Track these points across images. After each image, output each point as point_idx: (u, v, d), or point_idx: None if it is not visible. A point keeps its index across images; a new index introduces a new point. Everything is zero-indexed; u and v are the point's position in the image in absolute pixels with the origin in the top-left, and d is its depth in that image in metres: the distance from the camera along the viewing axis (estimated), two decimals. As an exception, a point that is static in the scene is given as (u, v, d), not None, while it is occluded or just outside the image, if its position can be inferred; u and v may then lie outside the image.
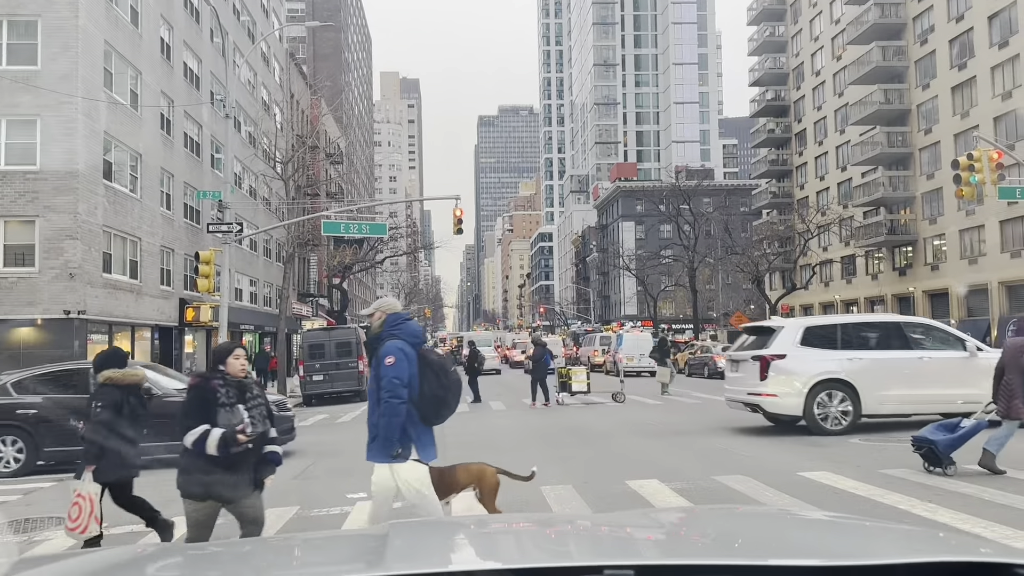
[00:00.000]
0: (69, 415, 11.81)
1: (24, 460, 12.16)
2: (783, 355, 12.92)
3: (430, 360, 5.20)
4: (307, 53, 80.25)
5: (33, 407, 12.32)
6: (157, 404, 11.75)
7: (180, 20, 32.28)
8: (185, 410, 5.10)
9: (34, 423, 12.22)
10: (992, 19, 41.53)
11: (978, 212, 41.88)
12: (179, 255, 31.40)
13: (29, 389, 12.61)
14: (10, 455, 12.19)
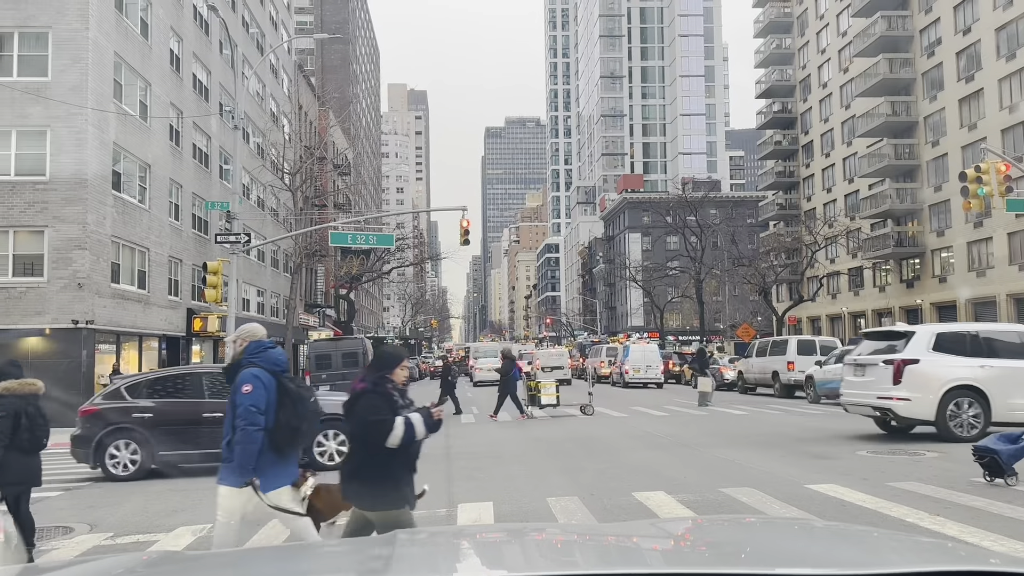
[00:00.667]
0: (183, 419, 12.25)
1: (139, 464, 12.24)
2: (917, 360, 12.94)
3: (288, 389, 5.21)
4: (315, 65, 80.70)
5: (147, 411, 12.44)
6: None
7: (190, 32, 32.52)
8: (376, 414, 4.96)
9: (149, 427, 12.32)
10: (999, 31, 41.52)
11: (986, 224, 41.74)
12: (187, 265, 31.52)
13: (142, 393, 12.76)
14: (126, 459, 12.28)
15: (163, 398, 12.70)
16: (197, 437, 12.12)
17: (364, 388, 5.06)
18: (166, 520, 8.90)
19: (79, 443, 12.40)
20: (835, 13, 58.02)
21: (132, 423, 12.31)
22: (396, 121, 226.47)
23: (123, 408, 12.46)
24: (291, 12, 54.65)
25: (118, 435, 12.22)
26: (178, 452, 12.22)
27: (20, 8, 23.30)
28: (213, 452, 12.14)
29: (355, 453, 5.10)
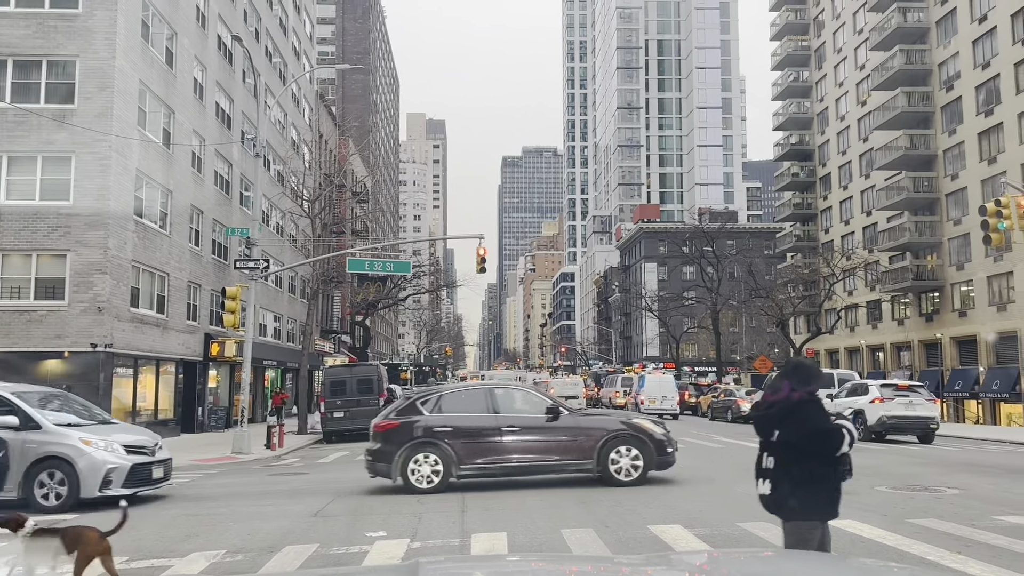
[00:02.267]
0: (480, 432, 12.73)
1: (441, 477, 12.53)
2: None
3: None
4: (336, 94, 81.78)
5: (448, 424, 12.78)
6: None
7: (213, 61, 33.10)
8: (828, 423, 4.97)
9: (450, 439, 12.65)
10: (1018, 66, 41.48)
11: (1006, 258, 41.37)
12: (205, 290, 31.78)
13: (437, 407, 13.11)
14: (427, 472, 12.57)
15: (459, 412, 13.02)
16: (497, 451, 12.66)
17: (802, 397, 4.98)
18: (180, 545, 8.90)
19: (380, 457, 12.72)
20: (853, 47, 58.23)
21: (434, 437, 12.62)
22: (414, 150, 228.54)
23: (424, 422, 12.78)
24: (313, 43, 55.53)
25: (419, 449, 12.54)
26: (477, 466, 12.65)
27: (49, 37, 23.84)
28: (512, 466, 12.86)
29: (794, 463, 4.94)
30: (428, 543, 8.50)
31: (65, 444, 11.88)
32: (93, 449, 11.95)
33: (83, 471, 11.70)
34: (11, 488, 11.69)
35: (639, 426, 13.16)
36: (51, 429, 12.03)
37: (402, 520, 9.97)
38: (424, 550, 8.19)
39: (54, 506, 11.57)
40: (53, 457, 11.73)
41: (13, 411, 11.90)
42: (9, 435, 11.69)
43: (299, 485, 14.91)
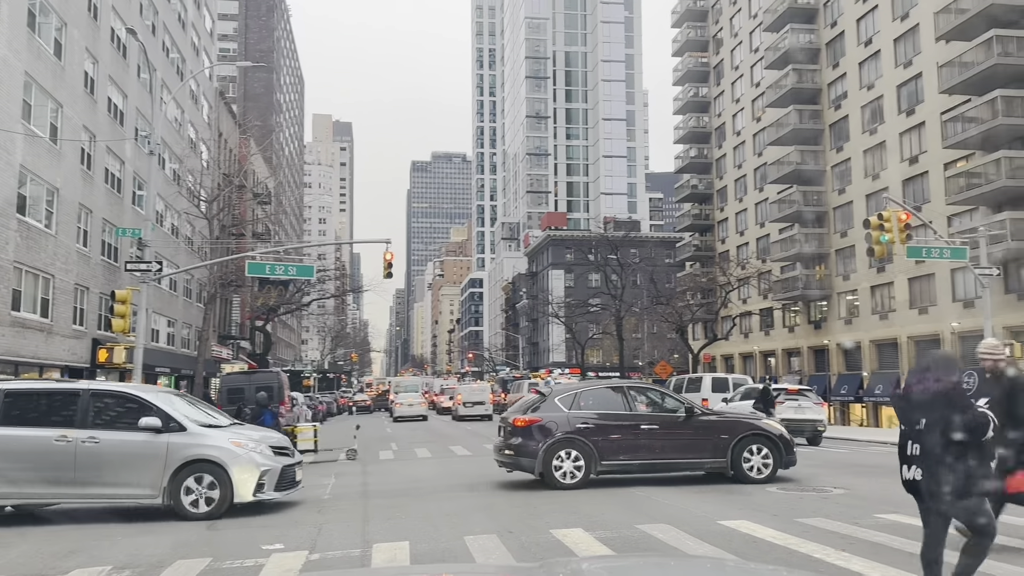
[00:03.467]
0: (621, 430, 13.10)
1: (583, 473, 12.83)
2: None
3: None
4: (238, 92, 79.39)
5: (589, 421, 13.10)
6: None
7: (106, 54, 31.62)
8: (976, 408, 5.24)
9: (591, 437, 12.96)
10: (900, 88, 44.16)
11: (888, 270, 43.92)
12: (94, 294, 30.25)
13: (578, 405, 13.38)
14: (570, 468, 12.81)
15: (597, 410, 13.32)
16: (635, 448, 13.10)
17: (948, 387, 5.18)
18: (62, 562, 8.41)
19: (522, 452, 12.92)
20: (749, 65, 60.70)
21: (576, 433, 12.90)
22: (320, 151, 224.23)
23: (564, 419, 12.99)
24: (214, 39, 53.78)
25: (562, 445, 12.79)
26: (618, 462, 13.07)
27: (-78, 21, 22.26)
28: (650, 463, 13.15)
29: (943, 449, 5.14)
30: (328, 555, 8.33)
31: (214, 446, 11.16)
32: (244, 451, 11.30)
33: (236, 475, 11.00)
34: (155, 494, 10.85)
35: (769, 427, 13.84)
36: (196, 431, 11.24)
37: (301, 531, 9.73)
38: (323, 562, 8.01)
39: (204, 512, 10.84)
40: (201, 460, 10.96)
41: (152, 412, 11.08)
42: (148, 437, 10.89)
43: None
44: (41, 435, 10.81)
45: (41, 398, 11.52)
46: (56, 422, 10.96)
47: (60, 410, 11.16)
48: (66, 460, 10.71)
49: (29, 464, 10.75)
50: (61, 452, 10.71)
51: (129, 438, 11.00)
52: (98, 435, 10.86)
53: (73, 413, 11.01)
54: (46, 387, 12.30)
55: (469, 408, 42.06)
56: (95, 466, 10.80)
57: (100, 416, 11.14)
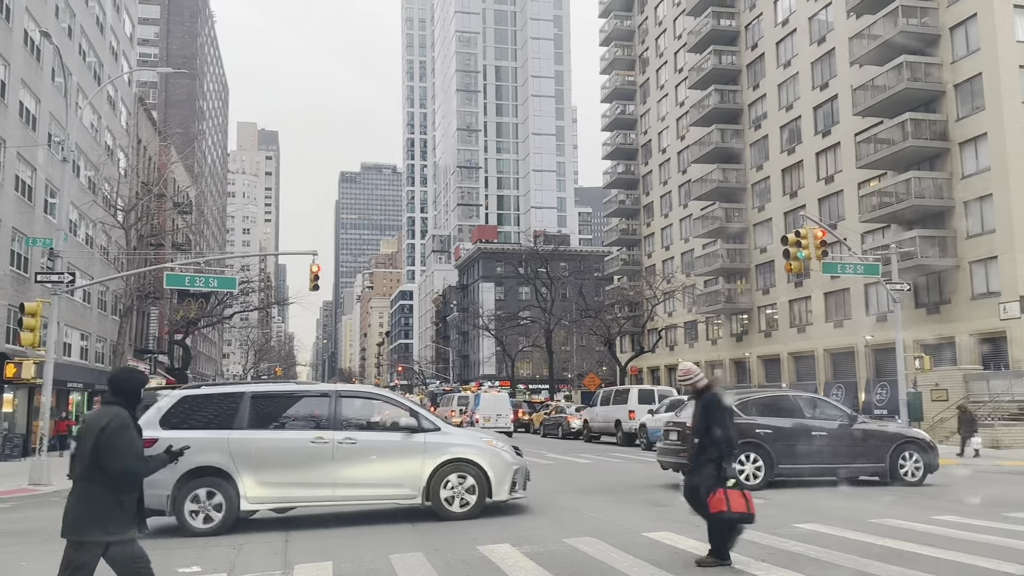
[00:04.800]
0: (796, 435, 13.99)
1: (762, 476, 13.57)
2: None
3: None
4: (158, 99, 77.10)
5: (768, 427, 13.86)
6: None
7: (18, 57, 30.30)
8: None
9: (770, 441, 13.76)
10: (817, 110, 45.94)
11: (805, 284, 45.47)
12: (2, 306, 28.81)
13: (752, 411, 14.13)
14: (750, 471, 13.52)
15: (771, 416, 14.13)
16: (808, 454, 13.96)
17: None
18: None
19: None
20: (674, 84, 62.22)
21: (756, 438, 13.67)
22: (244, 160, 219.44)
23: (745, 424, 13.43)
24: (134, 43, 52.13)
25: (743, 450, 13.30)
26: (793, 466, 13.97)
27: None
28: (820, 467, 13.89)
29: None
30: (247, 576, 8.07)
31: (471, 445, 11.25)
32: (498, 449, 11.36)
33: (493, 474, 11.01)
34: (414, 494, 10.81)
35: (920, 435, 15.18)
36: (449, 430, 11.23)
37: (219, 552, 9.41)
38: (242, 584, 7.76)
39: (460, 512, 10.81)
40: (459, 460, 10.92)
41: (405, 412, 11.17)
42: (404, 437, 10.91)
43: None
44: (296, 437, 10.74)
45: (290, 401, 11.42)
46: (309, 424, 10.93)
47: (311, 412, 11.13)
48: (323, 462, 10.64)
49: (288, 466, 10.62)
50: (318, 453, 10.62)
51: (386, 438, 10.95)
52: (354, 436, 10.79)
53: (325, 415, 10.97)
54: (294, 389, 11.98)
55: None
56: (352, 468, 10.75)
57: (353, 417, 11.09)
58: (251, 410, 10.76)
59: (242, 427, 10.61)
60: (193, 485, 10.21)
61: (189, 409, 10.74)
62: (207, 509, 10.24)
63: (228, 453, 10.39)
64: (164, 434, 9.97)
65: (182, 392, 11.01)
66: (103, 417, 5.16)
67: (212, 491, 10.26)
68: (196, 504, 10.24)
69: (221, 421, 10.68)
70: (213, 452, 10.33)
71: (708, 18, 54.88)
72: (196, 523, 10.21)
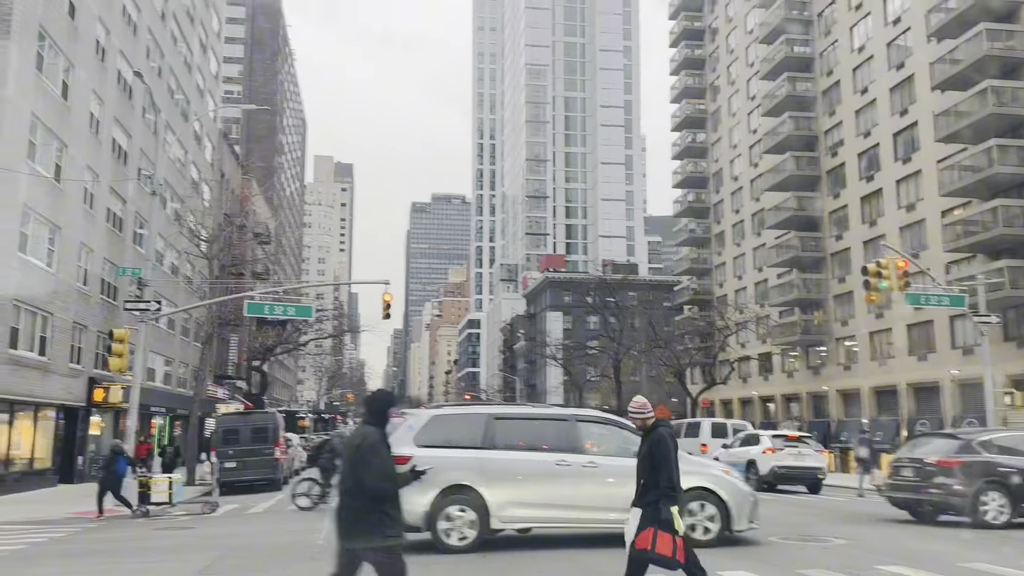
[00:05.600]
0: None
1: (1008, 514, 13.59)
2: None
3: None
4: (241, 134, 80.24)
5: (1012, 467, 13.82)
6: None
7: (112, 96, 32.02)
8: None
9: (1010, 480, 13.74)
10: (896, 136, 44.70)
11: (886, 316, 43.95)
12: (92, 332, 30.19)
13: (994, 449, 14.25)
14: (994, 508, 13.63)
15: (1014, 455, 14.09)
16: None
17: None
18: None
19: (950, 491, 13.76)
20: (746, 112, 61.51)
21: (1000, 476, 13.77)
22: (321, 192, 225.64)
23: (989, 463, 13.89)
24: (219, 82, 54.51)
25: (990, 487, 13.63)
26: None
27: (-68, 62, 22.57)
28: None
29: None
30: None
31: (709, 474, 11.33)
32: (735, 480, 11.47)
33: (732, 503, 11.11)
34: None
35: None
36: (685, 458, 11.40)
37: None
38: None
39: (703, 540, 10.78)
40: (698, 488, 11.04)
41: None
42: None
43: (186, 540, 14.16)
44: (542, 459, 11.01)
45: (530, 423, 11.78)
46: (550, 446, 11.16)
47: (550, 435, 11.36)
48: (567, 484, 10.87)
49: (535, 487, 10.90)
50: (563, 476, 10.86)
51: (624, 463, 11.04)
52: (595, 459, 11.02)
53: (565, 438, 11.20)
54: (533, 413, 12.47)
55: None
56: (595, 491, 10.90)
57: (592, 442, 11.35)
58: (496, 431, 11.10)
59: (489, 447, 10.95)
60: (446, 503, 10.54)
61: (438, 429, 11.12)
62: (460, 527, 10.54)
63: (479, 472, 10.72)
64: (418, 452, 10.33)
65: (431, 412, 11.48)
66: (357, 436, 5.67)
67: (464, 508, 10.58)
68: (448, 522, 10.55)
69: (469, 441, 11.04)
70: (464, 471, 10.70)
71: (782, 45, 54.22)
72: (451, 540, 10.51)
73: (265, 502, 21.26)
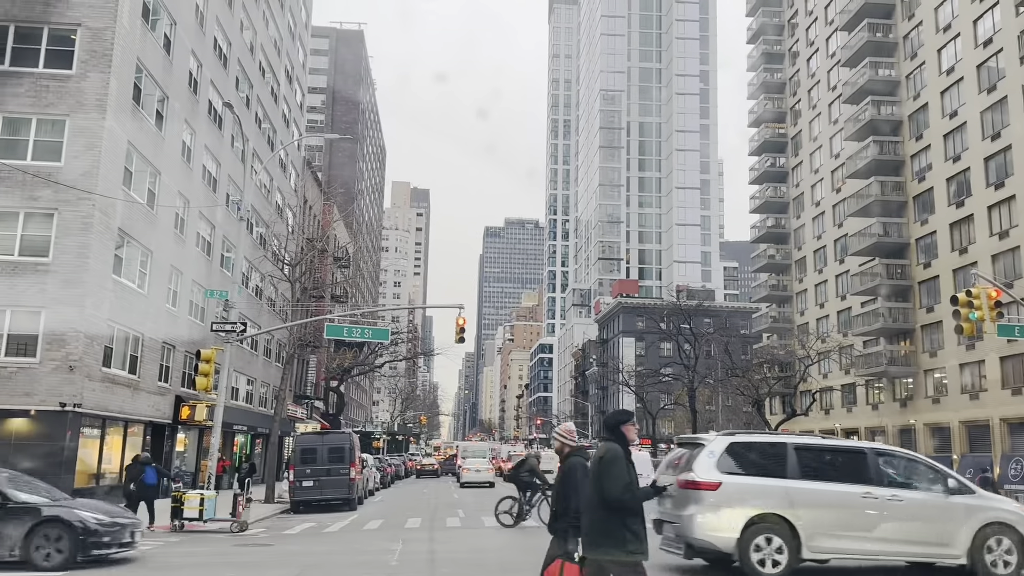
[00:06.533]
0: None
1: None
2: None
3: None
4: (323, 161, 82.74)
5: None
6: None
7: (203, 125, 33.48)
8: None
9: None
10: (988, 161, 42.94)
11: (978, 347, 42.00)
12: (179, 352, 31.39)
13: None
14: None
15: None
16: None
17: None
18: None
19: None
20: (828, 136, 60.10)
21: None
22: (398, 217, 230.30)
23: None
24: (303, 111, 56.46)
25: None
26: None
27: (40, 96, 24.05)
28: None
29: None
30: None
31: (1008, 510, 11.46)
32: None
33: None
34: (958, 554, 10.95)
35: None
36: (983, 493, 11.82)
37: None
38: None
39: (1002, 574, 10.99)
40: (997, 524, 11.11)
41: (937, 473, 11.62)
42: (941, 498, 11.28)
43: (264, 557, 14.49)
44: (848, 491, 11.07)
45: (830, 454, 11.89)
46: (853, 479, 11.21)
47: (850, 467, 11.44)
48: (872, 516, 10.96)
49: (842, 518, 11.03)
50: (868, 508, 10.98)
51: (926, 498, 11.33)
52: (899, 494, 11.12)
53: (866, 471, 11.28)
54: (832, 444, 12.61)
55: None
56: (899, 524, 11.02)
57: (893, 476, 11.49)
58: (799, 461, 11.18)
59: (794, 476, 11.04)
60: (757, 531, 10.63)
61: (736, 455, 11.24)
62: (771, 555, 10.65)
63: (788, 501, 10.84)
64: (724, 478, 10.72)
65: (728, 439, 11.52)
66: (600, 451, 6.07)
67: (770, 537, 10.67)
68: (759, 552, 10.62)
69: (771, 470, 11.15)
70: (773, 499, 10.84)
71: (865, 68, 52.90)
72: (765, 568, 10.57)
73: (340, 521, 21.59)
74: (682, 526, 10.82)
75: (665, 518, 11.36)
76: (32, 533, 12.07)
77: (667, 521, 11.30)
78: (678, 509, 10.93)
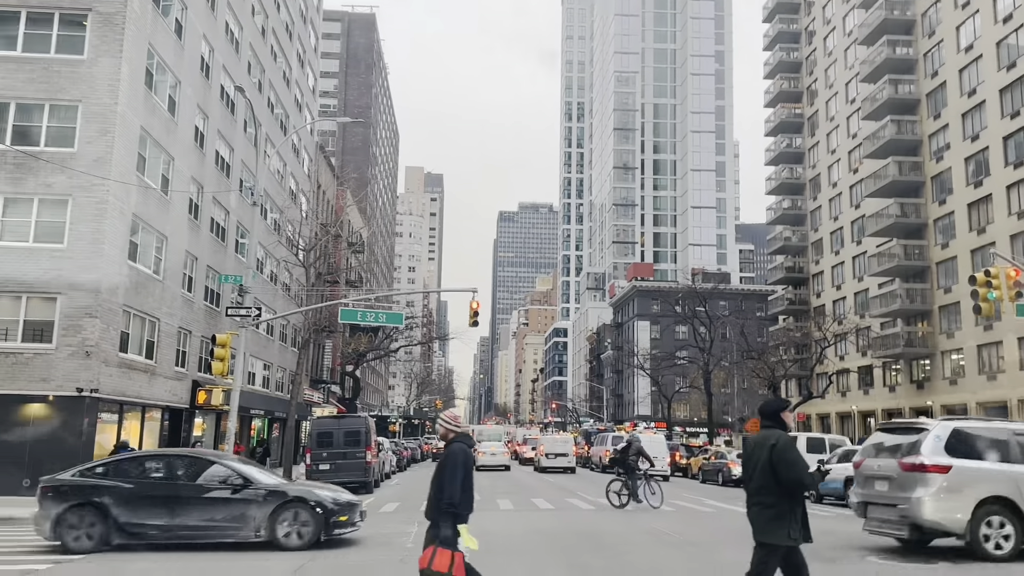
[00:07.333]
0: None
1: None
2: None
3: None
4: (336, 146, 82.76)
5: None
6: None
7: (216, 110, 33.50)
8: None
9: None
10: (1007, 140, 42.31)
11: (996, 328, 41.57)
12: (196, 337, 31.58)
13: None
14: None
15: None
16: None
17: None
18: None
19: None
20: (845, 116, 59.41)
21: None
22: (412, 202, 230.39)
23: None
24: (316, 96, 56.38)
25: None
26: None
27: (52, 82, 24.11)
28: None
29: None
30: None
31: None
32: None
33: None
34: None
35: None
36: None
37: None
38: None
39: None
40: None
41: None
42: None
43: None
44: None
45: None
46: None
47: None
48: None
49: None
50: None
51: None
52: None
53: None
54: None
55: (552, 460, 41.57)
56: None
57: None
58: (1020, 446, 11.59)
59: (1017, 461, 11.44)
60: (985, 513, 11.05)
61: (962, 441, 11.62)
62: (997, 537, 11.03)
63: (1014, 484, 11.21)
64: (954, 462, 11.22)
65: (953, 424, 11.91)
66: (770, 437, 6.18)
67: (1003, 521, 11.07)
68: (988, 529, 11.03)
69: (994, 454, 11.59)
70: (999, 482, 11.26)
71: (883, 47, 52.16)
72: (991, 548, 10.98)
73: (355, 505, 21.68)
74: (909, 508, 11.21)
75: (875, 500, 11.81)
76: (276, 514, 12.45)
77: (877, 503, 11.76)
78: (902, 491, 11.38)
